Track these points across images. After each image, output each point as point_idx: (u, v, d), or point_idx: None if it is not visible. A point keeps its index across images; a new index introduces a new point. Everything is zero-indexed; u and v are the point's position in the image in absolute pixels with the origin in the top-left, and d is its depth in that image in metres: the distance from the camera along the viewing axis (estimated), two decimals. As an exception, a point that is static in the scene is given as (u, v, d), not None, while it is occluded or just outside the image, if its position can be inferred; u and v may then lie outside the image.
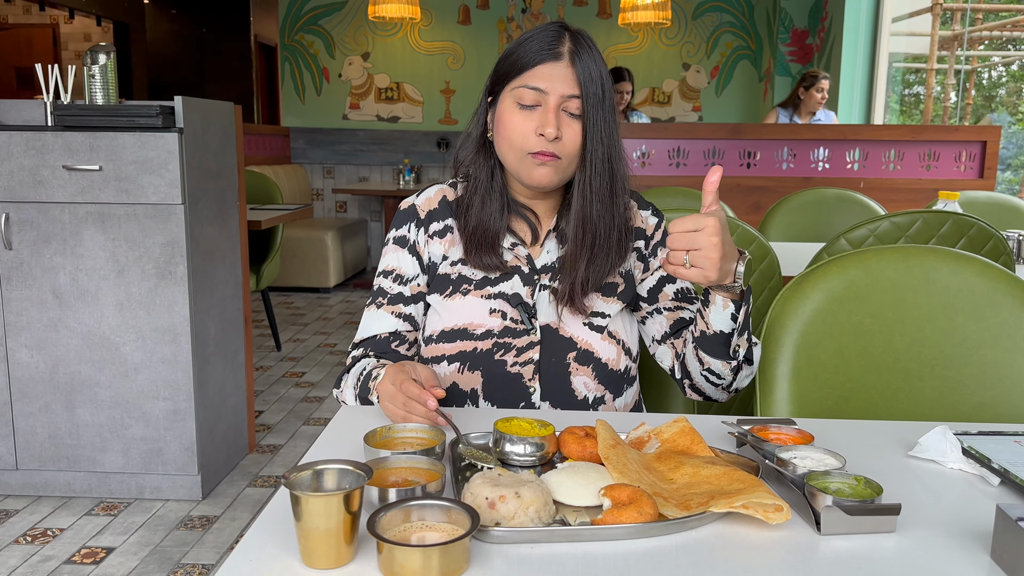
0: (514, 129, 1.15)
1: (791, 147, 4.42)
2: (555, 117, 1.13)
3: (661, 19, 5.64)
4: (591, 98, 1.13)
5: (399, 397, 0.99)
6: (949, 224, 2.02)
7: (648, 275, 1.26)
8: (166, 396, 2.44)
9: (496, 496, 0.76)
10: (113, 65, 2.40)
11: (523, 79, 1.14)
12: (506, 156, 1.18)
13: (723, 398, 1.20)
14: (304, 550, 0.70)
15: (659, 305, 1.25)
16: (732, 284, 1.05)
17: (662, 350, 1.25)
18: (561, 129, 1.13)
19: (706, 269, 1.00)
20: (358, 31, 6.80)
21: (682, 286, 1.26)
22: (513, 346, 1.18)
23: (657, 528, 0.76)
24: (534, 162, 1.14)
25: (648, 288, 1.26)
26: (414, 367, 1.03)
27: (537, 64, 1.14)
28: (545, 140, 1.13)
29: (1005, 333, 1.23)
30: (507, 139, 1.16)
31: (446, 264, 1.23)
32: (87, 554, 2.19)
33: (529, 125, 1.13)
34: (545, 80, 1.13)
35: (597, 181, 1.16)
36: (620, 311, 1.24)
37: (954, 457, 0.94)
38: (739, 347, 1.11)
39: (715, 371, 1.14)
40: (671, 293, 1.25)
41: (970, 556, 0.74)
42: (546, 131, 1.12)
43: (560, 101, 1.13)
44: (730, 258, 1.03)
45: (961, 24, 5.63)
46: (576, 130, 1.14)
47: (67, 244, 2.38)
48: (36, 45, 8.89)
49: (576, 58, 1.14)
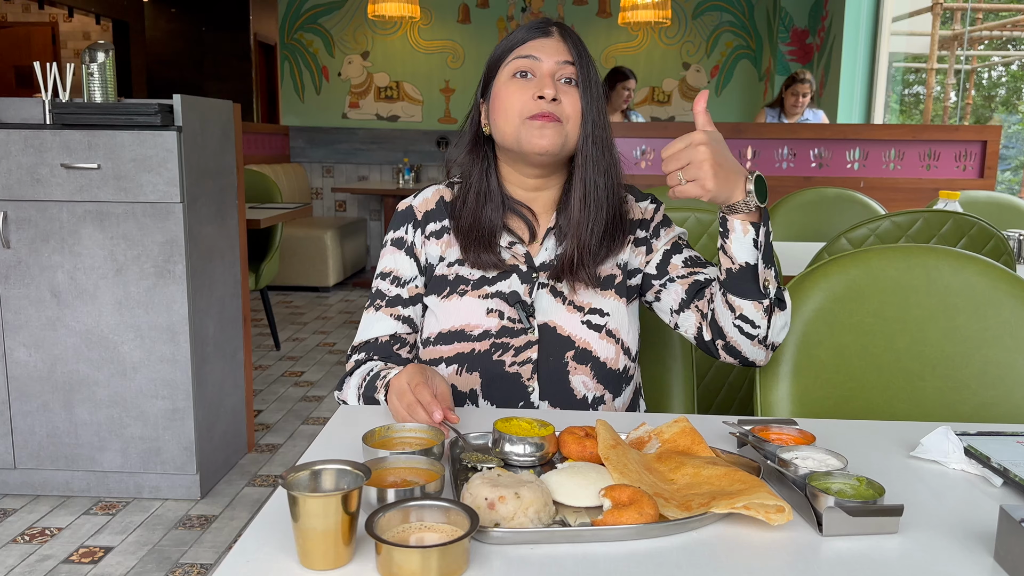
0: (510, 97, 1.15)
1: (791, 146, 4.41)
2: (552, 82, 1.14)
3: (661, 18, 5.64)
4: (584, 65, 1.15)
5: (408, 396, 0.98)
6: (950, 224, 2.01)
7: (653, 255, 1.25)
8: (164, 395, 2.44)
9: (496, 497, 0.75)
10: (112, 63, 2.39)
11: (515, 53, 1.16)
12: (505, 130, 1.17)
13: (760, 356, 1.15)
14: (302, 551, 0.69)
15: (670, 275, 1.22)
16: (744, 201, 1.04)
17: (684, 317, 1.21)
18: (559, 95, 1.14)
19: (701, 179, 0.99)
20: (358, 30, 6.79)
21: (690, 254, 1.24)
22: (511, 346, 1.18)
23: (658, 529, 0.75)
24: (534, 125, 1.14)
25: (656, 264, 1.24)
26: (435, 375, 1.03)
27: (527, 40, 1.16)
28: (544, 102, 1.13)
29: (1007, 333, 1.22)
30: (504, 111, 1.16)
31: (443, 265, 1.23)
32: (85, 553, 2.18)
33: (527, 92, 1.14)
34: (538, 49, 1.15)
35: (598, 153, 1.17)
36: (618, 307, 1.22)
37: (956, 458, 0.93)
38: (768, 282, 1.08)
39: (748, 317, 1.09)
40: (679, 263, 1.23)
41: (973, 557, 0.73)
42: (544, 91, 1.12)
43: (555, 68, 1.15)
44: (729, 169, 1.01)
45: (961, 24, 5.63)
46: (574, 96, 1.15)
47: (65, 243, 2.37)
48: (35, 43, 8.88)
49: (565, 34, 1.17)
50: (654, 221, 1.27)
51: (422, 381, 0.99)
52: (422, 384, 0.99)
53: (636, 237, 1.26)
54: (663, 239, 1.25)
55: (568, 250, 1.18)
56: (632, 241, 1.25)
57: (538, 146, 1.14)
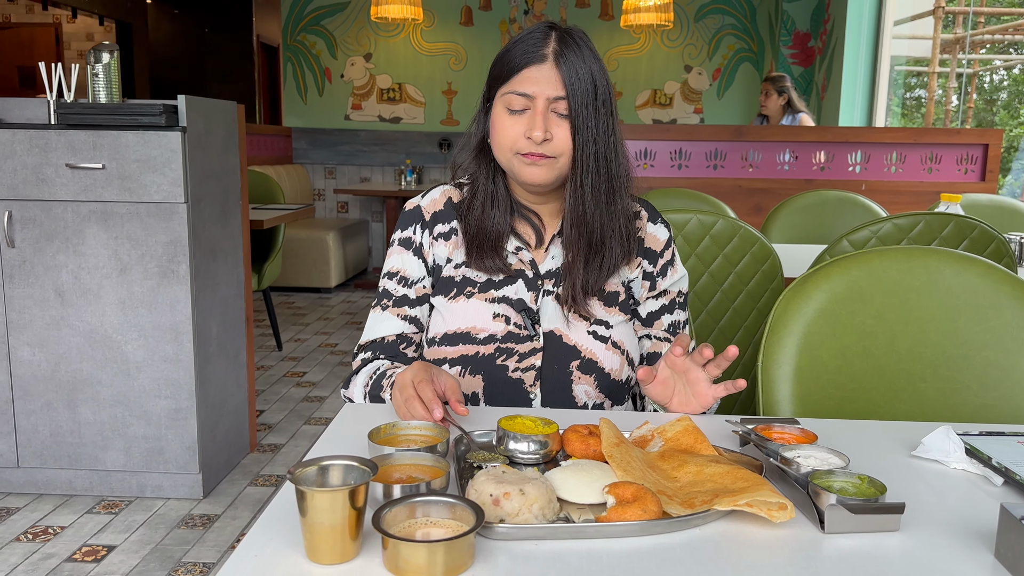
0: (503, 133, 1.16)
1: (792, 149, 4.42)
2: (543, 120, 1.13)
3: (663, 21, 5.64)
4: (578, 97, 1.13)
5: (408, 391, 0.99)
6: (951, 226, 2.02)
7: (652, 296, 1.27)
8: (168, 395, 2.44)
9: (500, 493, 0.76)
10: (117, 64, 2.40)
11: (511, 85, 1.15)
12: (500, 159, 1.20)
13: None
14: (309, 545, 0.70)
15: (651, 332, 1.28)
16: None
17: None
18: (551, 130, 1.14)
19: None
20: (360, 32, 6.80)
21: (676, 319, 1.28)
22: (516, 352, 1.18)
23: (661, 526, 0.76)
24: (524, 162, 1.15)
25: (648, 311, 1.27)
26: (441, 373, 1.03)
27: (523, 68, 1.14)
28: (533, 143, 1.13)
29: (1008, 335, 1.23)
30: (499, 143, 1.18)
31: (450, 267, 1.23)
32: (88, 552, 2.19)
33: (518, 129, 1.15)
34: (531, 84, 1.14)
35: (589, 180, 1.16)
36: (622, 321, 1.23)
37: (957, 457, 0.94)
38: None
39: None
40: (666, 323, 1.28)
41: (974, 555, 0.74)
42: (533, 134, 1.13)
43: (547, 104, 1.14)
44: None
45: (963, 27, 5.63)
46: (565, 129, 1.14)
47: (70, 242, 2.38)
48: (38, 44, 8.90)
49: (560, 59, 1.14)
50: (663, 258, 1.28)
51: (426, 378, 1.00)
52: (425, 381, 0.99)
53: (644, 270, 1.27)
54: (667, 281, 1.28)
55: (564, 292, 1.20)
56: (640, 267, 1.26)
57: (529, 179, 1.17)
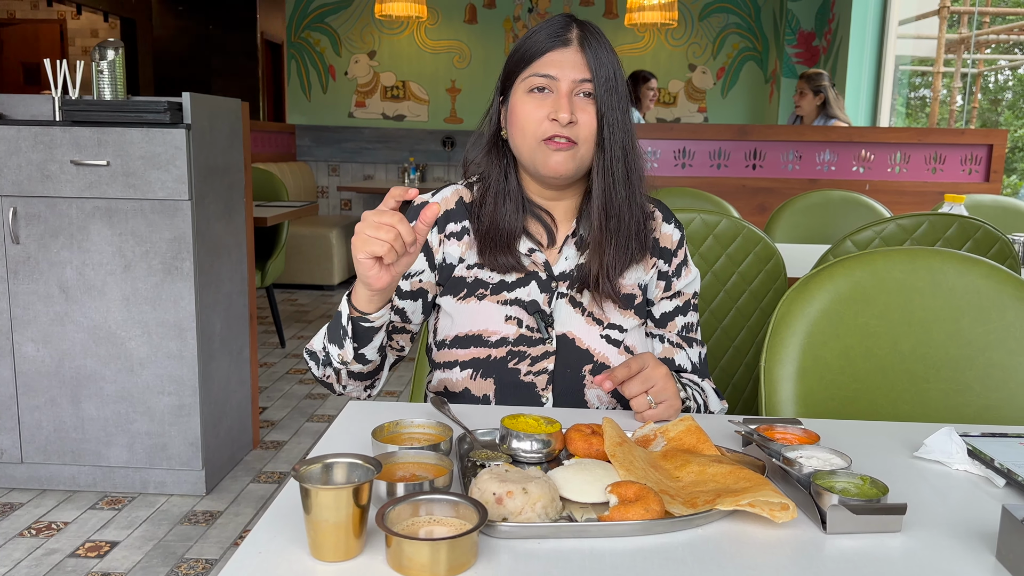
0: (527, 117, 1.13)
1: (797, 149, 4.42)
2: (568, 102, 1.11)
3: (668, 20, 5.64)
4: (603, 82, 1.12)
5: (370, 215, 0.92)
6: (955, 227, 2.02)
7: (667, 297, 1.26)
8: (171, 391, 2.45)
9: (503, 492, 0.76)
10: (122, 61, 2.41)
11: (533, 68, 1.13)
12: (520, 148, 1.16)
13: None
14: (313, 542, 0.70)
15: (663, 333, 1.26)
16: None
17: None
18: (575, 113, 1.11)
19: (670, 399, 1.06)
20: (364, 29, 6.81)
21: (690, 320, 1.27)
22: (528, 355, 1.17)
23: (663, 525, 0.76)
24: (549, 149, 1.13)
25: (662, 312, 1.26)
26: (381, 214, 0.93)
27: (546, 52, 1.13)
28: (559, 125, 1.11)
29: (1011, 335, 1.23)
30: (520, 128, 1.14)
31: (462, 267, 1.21)
32: (91, 548, 2.20)
33: (542, 112, 1.12)
34: (555, 67, 1.12)
35: (617, 165, 1.15)
36: (636, 326, 1.22)
37: (960, 458, 0.94)
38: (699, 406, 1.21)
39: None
40: (679, 325, 1.26)
41: (975, 556, 0.74)
42: (559, 115, 1.10)
43: (572, 86, 1.12)
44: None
45: (968, 27, 5.62)
46: (591, 113, 1.12)
47: (74, 239, 2.39)
48: (43, 41, 8.91)
49: (585, 43, 1.13)
50: (676, 258, 1.26)
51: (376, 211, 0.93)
52: (378, 211, 0.92)
53: (660, 270, 1.25)
54: (682, 282, 1.26)
55: (591, 268, 1.17)
56: (656, 267, 1.25)
57: (552, 170, 1.14)
